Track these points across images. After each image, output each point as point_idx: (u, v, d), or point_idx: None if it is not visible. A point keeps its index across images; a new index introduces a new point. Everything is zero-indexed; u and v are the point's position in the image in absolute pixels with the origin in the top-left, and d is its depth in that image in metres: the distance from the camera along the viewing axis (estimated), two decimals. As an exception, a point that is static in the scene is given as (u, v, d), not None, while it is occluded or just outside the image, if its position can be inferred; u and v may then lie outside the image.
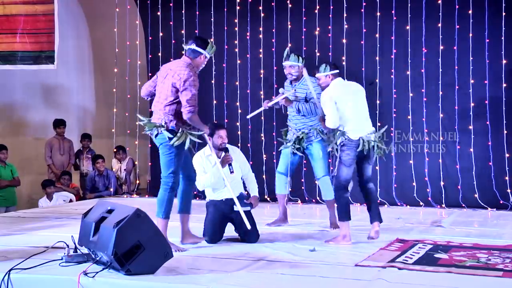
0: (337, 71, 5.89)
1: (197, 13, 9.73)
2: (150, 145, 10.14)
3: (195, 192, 9.48)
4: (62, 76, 10.96)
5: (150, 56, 10.10)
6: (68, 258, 4.68)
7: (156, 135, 5.35)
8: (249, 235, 5.73)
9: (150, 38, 10.06)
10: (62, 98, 11.19)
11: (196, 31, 9.70)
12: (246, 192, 6.16)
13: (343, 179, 5.72)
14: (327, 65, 5.86)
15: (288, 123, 6.76)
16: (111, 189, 9.98)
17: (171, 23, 9.85)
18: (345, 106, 5.70)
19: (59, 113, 10.73)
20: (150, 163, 10.23)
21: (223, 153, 5.81)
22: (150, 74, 10.09)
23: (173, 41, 9.83)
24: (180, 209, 5.60)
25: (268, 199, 9.12)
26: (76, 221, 5.77)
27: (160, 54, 9.91)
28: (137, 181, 10.54)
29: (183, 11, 9.74)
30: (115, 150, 10.44)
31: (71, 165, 10.42)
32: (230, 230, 5.91)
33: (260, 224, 6.30)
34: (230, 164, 5.80)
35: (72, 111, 11.22)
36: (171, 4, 9.82)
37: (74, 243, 4.76)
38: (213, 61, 9.60)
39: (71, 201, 9.51)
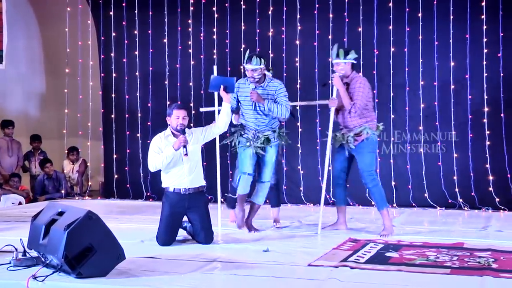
0: None
1: (150, 13, 9.65)
2: (102, 146, 10.02)
3: (148, 193, 9.51)
4: (12, 76, 10.73)
5: (102, 56, 9.97)
6: (17, 262, 4.59)
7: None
8: (203, 236, 5.70)
9: (102, 38, 9.94)
10: (12, 98, 10.96)
11: (149, 32, 9.64)
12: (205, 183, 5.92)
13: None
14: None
15: (245, 123, 6.42)
16: (62, 191, 9.81)
17: (124, 23, 9.76)
18: None
19: (8, 114, 10.51)
20: (103, 164, 10.10)
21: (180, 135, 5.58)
22: (103, 75, 9.98)
23: (126, 41, 9.74)
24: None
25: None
26: (25, 224, 5.65)
27: (112, 54, 9.81)
28: (89, 183, 10.39)
29: (136, 11, 9.66)
30: (67, 151, 10.27)
31: (20, 167, 10.22)
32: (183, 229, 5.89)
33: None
34: (185, 147, 5.54)
35: (22, 112, 10.99)
36: (124, 4, 9.72)
37: (23, 246, 4.67)
38: (167, 61, 9.55)
39: (20, 203, 9.32)
